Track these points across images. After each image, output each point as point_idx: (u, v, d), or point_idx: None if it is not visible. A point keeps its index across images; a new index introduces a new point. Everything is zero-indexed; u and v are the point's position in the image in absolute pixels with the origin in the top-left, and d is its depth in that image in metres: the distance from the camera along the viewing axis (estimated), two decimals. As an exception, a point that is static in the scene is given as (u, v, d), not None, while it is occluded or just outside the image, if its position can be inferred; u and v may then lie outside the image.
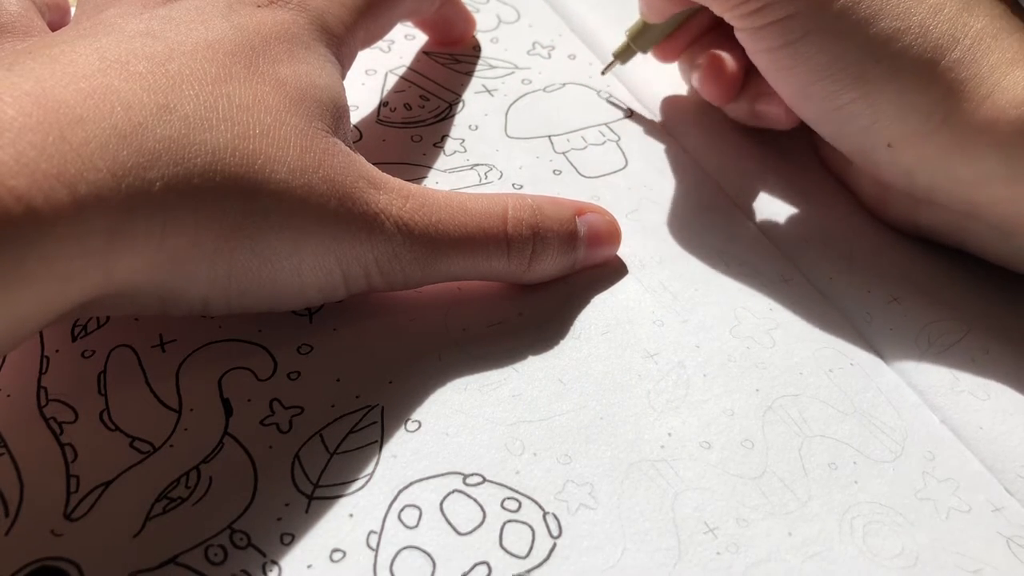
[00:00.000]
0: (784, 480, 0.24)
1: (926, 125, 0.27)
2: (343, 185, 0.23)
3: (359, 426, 0.24)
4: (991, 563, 0.22)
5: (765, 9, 0.27)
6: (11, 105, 0.18)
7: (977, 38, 0.27)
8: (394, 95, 0.35)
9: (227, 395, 0.24)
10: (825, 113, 0.29)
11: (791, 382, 0.26)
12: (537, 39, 0.39)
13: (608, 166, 0.33)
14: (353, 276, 0.24)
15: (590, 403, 0.25)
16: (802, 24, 0.27)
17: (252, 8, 0.25)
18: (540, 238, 0.26)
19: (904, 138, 0.28)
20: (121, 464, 0.22)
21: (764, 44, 0.29)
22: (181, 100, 0.21)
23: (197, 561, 0.21)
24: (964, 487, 0.24)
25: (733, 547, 0.22)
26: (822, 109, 0.29)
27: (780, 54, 0.28)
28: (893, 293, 0.30)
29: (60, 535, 0.21)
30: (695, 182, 0.33)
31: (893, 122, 0.28)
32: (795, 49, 0.28)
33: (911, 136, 0.28)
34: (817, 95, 0.28)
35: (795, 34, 0.27)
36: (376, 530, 0.22)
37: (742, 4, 0.28)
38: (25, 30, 0.24)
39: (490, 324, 0.26)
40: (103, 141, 0.19)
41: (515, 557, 0.21)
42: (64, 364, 0.24)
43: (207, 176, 0.21)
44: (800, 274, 0.30)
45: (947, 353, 0.28)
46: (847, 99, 0.28)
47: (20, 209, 0.17)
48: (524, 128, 0.34)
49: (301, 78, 0.24)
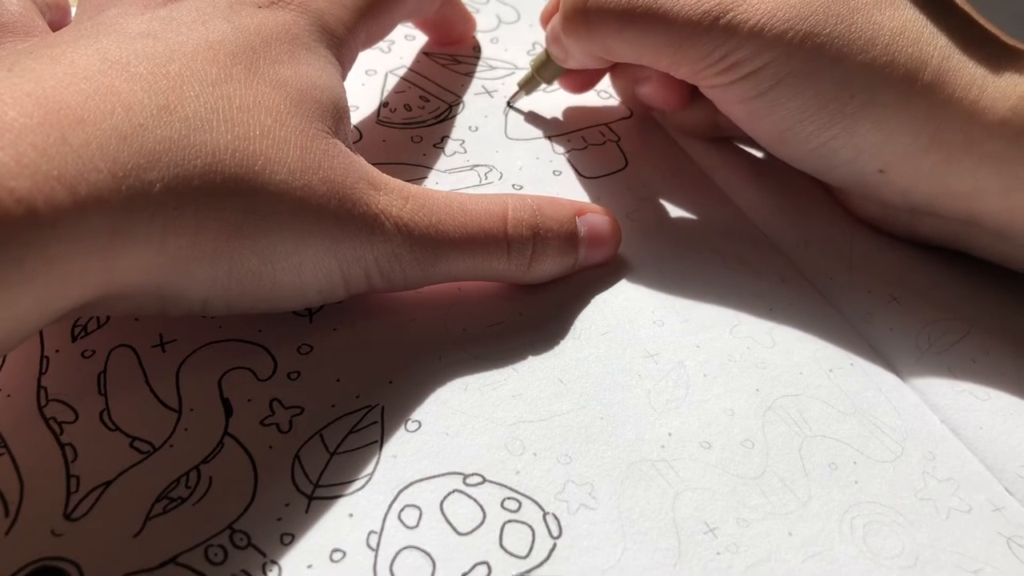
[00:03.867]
0: (784, 480, 0.24)
1: (914, 147, 0.27)
2: (343, 186, 0.23)
3: (359, 426, 0.24)
4: (991, 563, 0.22)
5: (734, 67, 0.27)
6: (12, 106, 0.18)
7: (944, 56, 0.27)
8: (394, 96, 0.35)
9: (227, 395, 0.24)
10: (807, 153, 0.29)
11: (791, 382, 0.26)
12: (537, 39, 0.39)
13: (608, 166, 0.33)
14: (353, 277, 0.24)
15: (590, 403, 0.25)
16: (773, 73, 0.27)
17: (253, 9, 0.25)
18: (540, 239, 0.26)
19: (895, 162, 0.28)
20: (121, 464, 0.22)
21: (737, 97, 0.28)
22: (182, 101, 0.21)
23: (197, 561, 0.21)
24: (964, 487, 0.24)
25: (733, 547, 0.22)
26: (803, 150, 0.29)
27: (754, 104, 0.28)
28: (893, 293, 0.30)
29: (60, 535, 0.21)
30: (695, 182, 0.33)
31: (879, 150, 0.27)
32: (769, 98, 0.27)
33: (902, 159, 0.27)
34: (796, 138, 0.28)
35: (767, 83, 0.27)
36: (376, 530, 0.22)
37: (710, 66, 0.27)
38: (26, 30, 0.24)
39: (490, 324, 0.26)
40: (103, 142, 0.19)
41: (515, 557, 0.21)
42: (64, 364, 0.24)
43: (207, 177, 0.21)
44: (800, 274, 0.30)
45: (947, 353, 0.28)
46: (827, 137, 0.28)
47: (21, 210, 0.17)
48: (524, 129, 0.34)
49: (302, 79, 0.24)
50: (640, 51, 0.28)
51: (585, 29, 0.28)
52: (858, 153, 0.28)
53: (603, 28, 0.28)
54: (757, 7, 0.26)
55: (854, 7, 0.27)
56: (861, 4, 0.27)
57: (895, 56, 0.26)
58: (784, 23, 0.26)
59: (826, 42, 0.26)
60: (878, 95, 0.26)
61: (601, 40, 0.28)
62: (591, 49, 0.29)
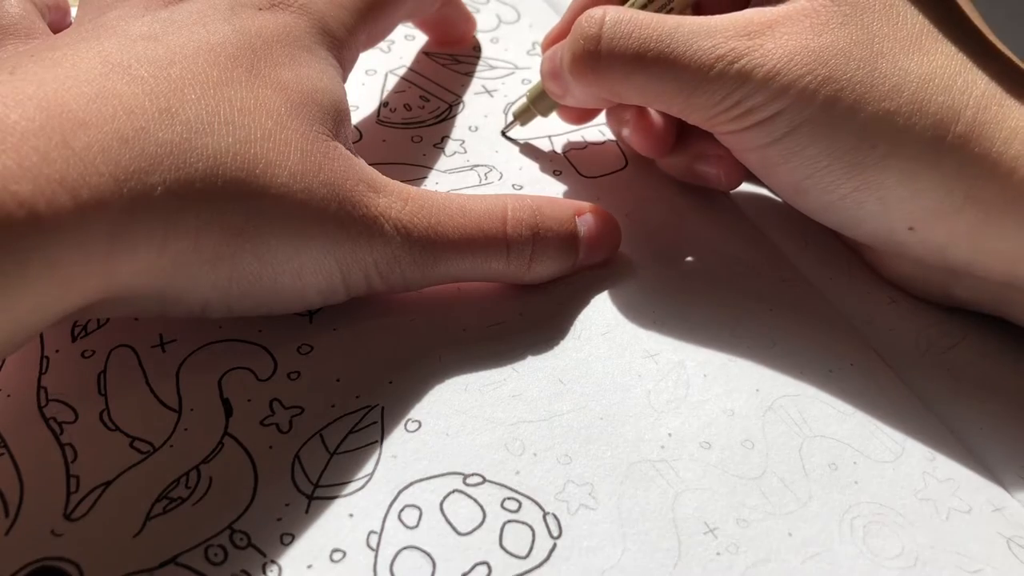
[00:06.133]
0: (784, 480, 0.24)
1: (947, 204, 0.25)
2: (343, 189, 0.23)
3: (359, 426, 0.24)
4: (991, 563, 0.22)
5: (748, 113, 0.25)
6: (14, 109, 0.18)
7: (980, 106, 0.24)
8: (394, 95, 0.35)
9: (227, 395, 0.24)
10: (828, 205, 0.27)
11: (791, 382, 0.26)
12: (537, 39, 0.39)
13: (608, 166, 0.33)
14: (353, 279, 0.24)
15: (590, 403, 0.25)
16: (789, 120, 0.25)
17: (253, 11, 0.25)
18: (540, 239, 0.26)
19: (926, 219, 0.25)
20: (121, 464, 0.22)
21: (751, 144, 0.27)
22: (183, 104, 0.21)
23: (197, 561, 0.21)
24: (964, 487, 0.24)
25: (733, 547, 0.22)
26: (823, 202, 0.27)
27: (769, 151, 0.26)
28: (892, 295, 0.30)
29: (60, 535, 0.21)
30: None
31: (908, 205, 0.25)
32: (784, 145, 0.26)
33: (934, 216, 0.25)
34: (815, 188, 0.26)
35: (782, 130, 0.25)
36: (376, 530, 0.22)
37: (723, 112, 0.26)
38: (27, 32, 0.24)
39: (490, 324, 0.26)
40: (105, 145, 0.19)
41: (515, 557, 0.21)
42: (64, 364, 0.24)
43: (208, 180, 0.21)
44: (800, 274, 0.30)
45: (947, 355, 0.28)
46: (849, 189, 0.26)
47: (23, 214, 0.17)
48: (524, 129, 0.34)
49: (302, 81, 0.24)
50: (650, 97, 0.27)
51: (594, 74, 0.27)
52: (885, 207, 0.26)
53: (613, 73, 0.27)
54: (773, 52, 0.25)
55: (879, 51, 0.25)
56: (887, 48, 0.25)
57: (923, 105, 0.24)
58: (801, 67, 0.25)
59: (845, 87, 0.24)
60: (902, 147, 0.25)
61: (610, 85, 0.27)
62: (598, 93, 0.28)
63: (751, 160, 0.28)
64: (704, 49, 0.25)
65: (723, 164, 0.30)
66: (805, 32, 0.25)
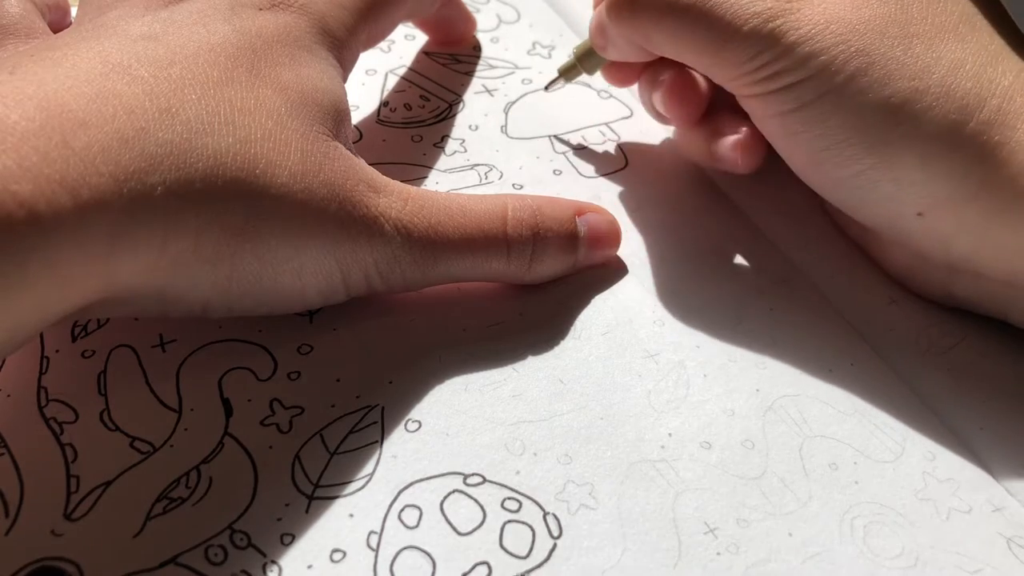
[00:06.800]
0: (784, 480, 0.24)
1: (961, 191, 0.25)
2: (343, 189, 0.23)
3: (359, 426, 0.24)
4: (991, 563, 0.22)
5: (776, 76, 0.25)
6: (14, 109, 0.18)
7: (1006, 96, 0.25)
8: (394, 95, 0.35)
9: (227, 395, 0.24)
10: (841, 181, 0.27)
11: (791, 382, 0.26)
12: (537, 39, 0.39)
13: (608, 166, 0.33)
14: (353, 279, 0.24)
15: (590, 403, 0.25)
16: (815, 87, 0.25)
17: (254, 11, 0.25)
18: (540, 239, 0.26)
19: (937, 206, 0.25)
20: (121, 464, 0.22)
21: (774, 109, 0.26)
22: (183, 104, 0.21)
23: (197, 561, 0.21)
24: (964, 487, 0.24)
25: (733, 547, 0.22)
26: (838, 177, 0.27)
27: (791, 118, 0.26)
28: (892, 295, 0.29)
29: (60, 535, 0.21)
30: (695, 182, 0.33)
31: (921, 189, 0.25)
32: (807, 113, 0.25)
33: (945, 203, 0.25)
34: (831, 161, 0.26)
35: (808, 97, 0.25)
36: (376, 530, 0.22)
37: (751, 72, 0.26)
38: (27, 32, 0.24)
39: (490, 324, 0.26)
40: (105, 145, 0.19)
41: (515, 557, 0.21)
42: (64, 364, 0.24)
43: (209, 181, 0.21)
44: (800, 274, 0.30)
45: (947, 355, 0.28)
46: (865, 165, 0.25)
47: (23, 214, 0.17)
48: (524, 128, 0.34)
49: (303, 81, 0.24)
50: (681, 46, 0.27)
51: (629, 13, 0.27)
52: (898, 189, 0.26)
53: (647, 15, 0.27)
54: (810, 18, 0.25)
55: (915, 32, 0.25)
56: (923, 31, 0.25)
57: (950, 89, 0.24)
58: (835, 36, 0.25)
59: (877, 62, 0.25)
60: (925, 125, 0.25)
61: (643, 28, 0.27)
62: (633, 37, 0.28)
63: (771, 126, 0.28)
64: (741, 4, 0.25)
65: (741, 146, 0.30)
66: (845, 4, 0.25)
